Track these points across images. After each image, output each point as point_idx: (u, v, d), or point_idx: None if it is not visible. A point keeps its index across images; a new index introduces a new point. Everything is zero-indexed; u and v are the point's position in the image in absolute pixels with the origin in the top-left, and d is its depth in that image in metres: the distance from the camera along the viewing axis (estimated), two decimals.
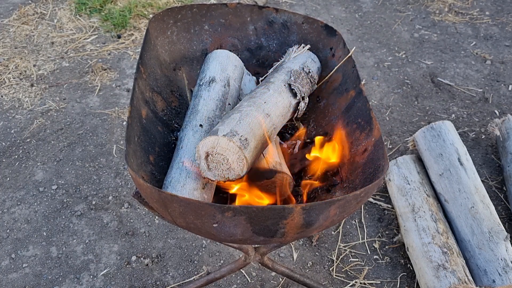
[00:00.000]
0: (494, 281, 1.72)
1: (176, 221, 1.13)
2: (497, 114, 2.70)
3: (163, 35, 1.65)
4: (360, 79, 1.46)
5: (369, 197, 1.16)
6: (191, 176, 1.28)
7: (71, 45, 3.06)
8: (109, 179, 2.26)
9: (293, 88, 1.47)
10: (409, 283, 1.92)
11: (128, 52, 3.05)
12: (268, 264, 1.64)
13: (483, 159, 2.44)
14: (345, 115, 1.49)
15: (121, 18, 3.24)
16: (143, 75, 1.45)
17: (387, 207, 2.18)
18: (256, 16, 1.74)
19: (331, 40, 1.67)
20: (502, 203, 2.22)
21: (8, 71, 2.85)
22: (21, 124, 2.53)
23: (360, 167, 1.34)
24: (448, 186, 2.01)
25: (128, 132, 1.23)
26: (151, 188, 1.06)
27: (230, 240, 1.15)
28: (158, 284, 1.87)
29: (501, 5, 3.64)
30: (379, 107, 2.73)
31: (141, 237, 2.03)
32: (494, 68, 3.02)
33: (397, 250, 2.03)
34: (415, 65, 3.03)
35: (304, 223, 1.08)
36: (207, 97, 1.48)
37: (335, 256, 1.99)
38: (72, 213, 2.11)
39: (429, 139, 2.17)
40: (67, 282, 1.87)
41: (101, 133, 2.49)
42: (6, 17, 3.29)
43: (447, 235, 1.86)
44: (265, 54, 1.76)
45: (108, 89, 2.77)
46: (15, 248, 1.97)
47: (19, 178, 2.25)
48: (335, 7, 3.59)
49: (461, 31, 3.34)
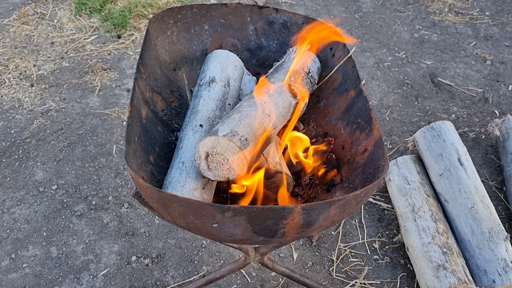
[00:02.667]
0: (494, 281, 1.72)
1: (176, 221, 1.13)
2: (497, 114, 2.70)
3: (163, 35, 1.65)
4: (360, 79, 1.46)
5: (369, 197, 1.16)
6: (191, 176, 1.28)
7: (71, 45, 3.06)
8: (109, 179, 2.26)
9: (293, 88, 1.47)
10: (409, 283, 1.92)
11: (128, 52, 3.05)
12: (268, 264, 1.64)
13: (483, 159, 2.44)
14: (345, 115, 1.49)
15: (121, 18, 3.24)
16: (143, 75, 1.45)
17: (387, 207, 2.18)
18: (256, 16, 1.74)
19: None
20: (502, 203, 2.22)
21: (8, 71, 2.85)
22: (21, 124, 2.53)
23: (360, 167, 1.34)
24: (448, 186, 2.01)
25: (128, 132, 1.23)
26: (151, 188, 1.06)
27: (230, 240, 1.15)
28: (158, 284, 1.87)
29: (501, 5, 3.64)
30: (379, 107, 2.73)
31: (141, 237, 2.03)
32: (494, 68, 3.02)
33: (397, 250, 2.03)
34: (415, 65, 3.03)
35: (304, 223, 1.08)
36: (207, 97, 1.48)
37: (335, 256, 1.99)
38: (72, 213, 2.11)
39: (429, 139, 2.17)
40: (67, 282, 1.87)
41: (101, 133, 2.49)
42: (6, 17, 3.29)
43: (447, 235, 1.86)
44: (265, 54, 1.76)
45: (108, 89, 2.77)
46: (15, 248, 1.97)
47: (19, 178, 2.25)
48: (335, 7, 3.59)
49: (461, 31, 3.34)
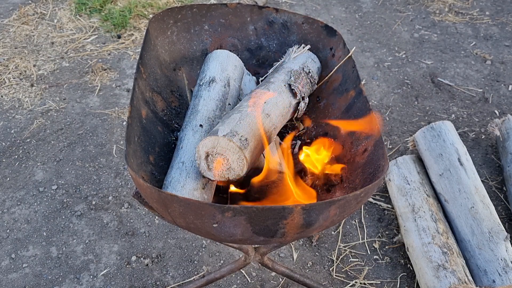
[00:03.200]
0: (494, 281, 1.72)
1: (176, 221, 1.13)
2: (497, 114, 2.70)
3: (163, 35, 1.65)
4: (360, 79, 1.46)
5: (369, 197, 1.16)
6: (191, 176, 1.28)
7: (71, 45, 3.06)
8: (109, 179, 2.26)
9: (293, 88, 1.47)
10: (409, 283, 1.92)
11: (128, 52, 3.05)
12: (268, 264, 1.64)
13: (483, 159, 2.44)
14: (345, 115, 1.49)
15: (121, 18, 3.24)
16: (143, 75, 1.45)
17: (387, 207, 2.18)
18: (256, 16, 1.74)
19: (331, 40, 1.67)
20: (502, 203, 2.22)
21: (8, 71, 2.85)
22: (21, 124, 2.53)
23: (360, 167, 1.34)
24: (448, 186, 2.01)
25: (128, 132, 1.23)
26: (151, 188, 1.06)
27: (230, 240, 1.15)
28: (158, 284, 1.87)
29: (501, 5, 3.64)
30: (379, 107, 2.72)
31: (141, 237, 2.03)
32: (494, 68, 3.02)
33: (397, 250, 2.03)
34: (415, 65, 3.03)
35: (304, 223, 1.08)
36: (207, 97, 1.48)
37: (335, 256, 1.99)
38: (72, 213, 2.11)
39: (429, 139, 2.17)
40: (67, 282, 1.87)
41: (101, 133, 2.49)
42: (6, 17, 3.29)
43: (447, 235, 1.86)
44: (265, 54, 1.76)
45: (108, 89, 2.77)
46: (15, 248, 1.97)
47: (19, 178, 2.25)
48: (335, 7, 3.59)
49: (461, 31, 3.34)
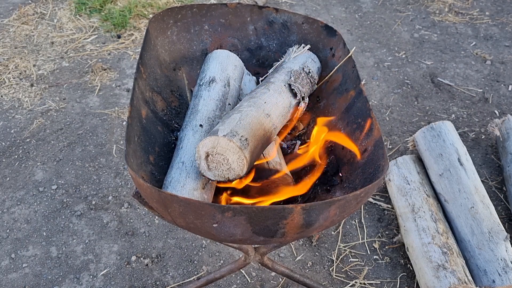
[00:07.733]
0: (494, 281, 1.72)
1: (176, 221, 1.13)
2: (497, 114, 2.70)
3: (163, 35, 1.65)
4: (360, 79, 1.46)
5: (369, 197, 1.16)
6: (191, 176, 1.28)
7: (71, 45, 3.06)
8: (109, 179, 2.26)
9: (293, 88, 1.47)
10: (409, 283, 1.92)
11: (128, 52, 3.05)
12: (268, 264, 1.64)
13: (483, 159, 2.44)
14: (345, 115, 1.49)
15: (121, 18, 3.24)
16: (143, 75, 1.45)
17: (387, 207, 2.18)
18: (256, 16, 1.73)
19: (331, 40, 1.66)
20: (502, 203, 2.22)
21: (8, 71, 2.85)
22: (21, 124, 2.53)
23: (360, 167, 1.34)
24: (448, 186, 2.01)
25: (128, 132, 1.23)
26: (151, 188, 1.06)
27: (230, 240, 1.15)
28: (158, 284, 1.87)
29: (501, 5, 3.64)
30: (379, 107, 2.72)
31: (141, 237, 2.03)
32: (494, 68, 3.02)
33: (397, 250, 2.03)
34: (415, 65, 3.03)
35: (304, 223, 1.08)
36: (207, 97, 1.48)
37: (335, 256, 1.99)
38: (72, 213, 2.11)
39: (429, 139, 2.17)
40: (67, 282, 1.87)
41: (101, 133, 2.49)
42: (6, 17, 3.29)
43: (447, 235, 1.86)
44: (265, 54, 1.76)
45: (108, 89, 2.77)
46: (15, 248, 1.97)
47: (19, 178, 2.25)
48: (335, 7, 3.59)
49: (461, 31, 3.34)
